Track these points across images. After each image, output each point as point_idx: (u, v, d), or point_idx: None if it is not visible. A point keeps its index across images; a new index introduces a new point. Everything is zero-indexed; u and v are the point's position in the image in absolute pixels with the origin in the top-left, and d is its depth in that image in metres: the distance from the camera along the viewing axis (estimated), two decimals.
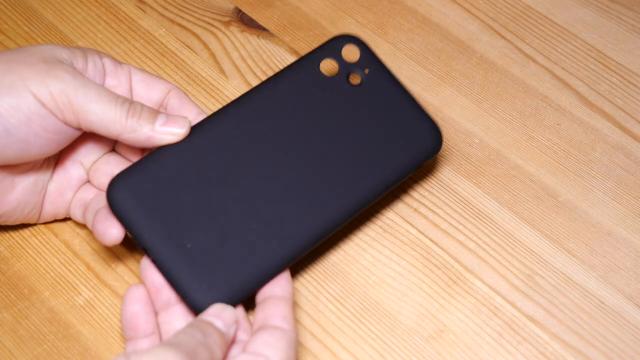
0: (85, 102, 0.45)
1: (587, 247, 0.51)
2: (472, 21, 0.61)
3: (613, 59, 0.59)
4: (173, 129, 0.46)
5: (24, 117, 0.44)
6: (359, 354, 0.47)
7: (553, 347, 0.48)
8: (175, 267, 0.44)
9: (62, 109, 0.45)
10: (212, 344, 0.40)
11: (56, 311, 0.49)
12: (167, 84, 0.50)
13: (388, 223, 0.52)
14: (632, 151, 0.55)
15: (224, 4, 0.63)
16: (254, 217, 0.46)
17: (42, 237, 0.51)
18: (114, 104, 0.45)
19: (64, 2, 0.62)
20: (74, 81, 0.45)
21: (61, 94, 0.44)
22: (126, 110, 0.46)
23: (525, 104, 0.57)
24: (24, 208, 0.49)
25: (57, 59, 0.46)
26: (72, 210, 0.50)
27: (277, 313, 0.43)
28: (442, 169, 0.54)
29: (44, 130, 0.45)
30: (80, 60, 0.47)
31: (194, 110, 0.50)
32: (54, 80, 0.44)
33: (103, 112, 0.45)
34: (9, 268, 0.50)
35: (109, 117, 0.45)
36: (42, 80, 0.44)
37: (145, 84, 0.50)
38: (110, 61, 0.49)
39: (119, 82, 0.49)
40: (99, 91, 0.45)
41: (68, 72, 0.45)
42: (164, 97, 0.50)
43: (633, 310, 0.49)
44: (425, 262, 0.51)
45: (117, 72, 0.49)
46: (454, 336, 0.48)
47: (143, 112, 0.46)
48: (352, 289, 0.50)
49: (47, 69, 0.45)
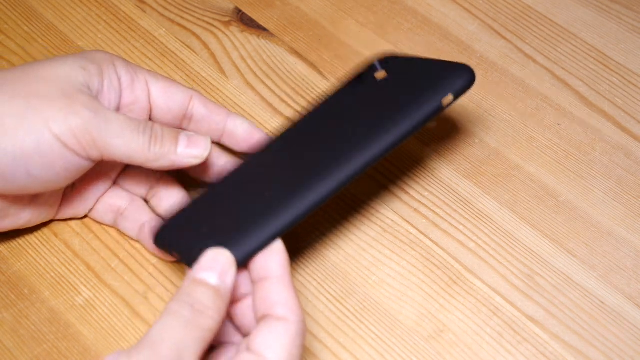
0: (109, 138, 0.44)
1: (587, 247, 0.51)
2: (472, 21, 0.61)
3: (613, 59, 0.59)
4: (194, 151, 0.46)
5: (48, 161, 0.44)
6: (359, 354, 0.47)
7: (553, 347, 0.48)
8: None
9: (85, 146, 0.44)
10: (203, 310, 0.38)
11: (56, 311, 0.49)
12: (187, 91, 0.49)
13: (388, 223, 0.52)
14: (632, 151, 0.55)
15: (224, 4, 0.63)
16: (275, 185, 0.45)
17: (42, 237, 0.51)
18: (136, 135, 0.45)
19: (64, 2, 0.62)
20: (96, 117, 0.44)
21: (84, 133, 0.44)
22: (148, 140, 0.45)
23: (525, 104, 0.57)
24: (39, 217, 0.49)
25: (75, 88, 0.45)
26: (99, 214, 0.51)
27: (276, 299, 0.40)
28: (442, 169, 0.54)
29: (65, 170, 0.45)
30: (96, 80, 0.46)
31: (222, 113, 0.50)
32: (76, 118, 0.43)
33: (127, 145, 0.45)
34: (9, 268, 0.50)
35: (133, 149, 0.45)
36: (65, 119, 0.43)
37: (163, 93, 0.49)
38: (125, 73, 0.48)
39: (137, 99, 0.48)
40: (120, 124, 0.44)
41: (88, 108, 0.44)
42: (187, 105, 0.49)
43: (633, 310, 0.49)
44: (425, 262, 0.51)
45: (133, 87, 0.48)
46: (454, 336, 0.48)
47: (165, 137, 0.46)
48: (352, 289, 0.50)
49: (68, 105, 0.44)
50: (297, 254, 0.51)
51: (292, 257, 0.51)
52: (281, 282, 0.41)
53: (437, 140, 0.56)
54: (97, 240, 0.51)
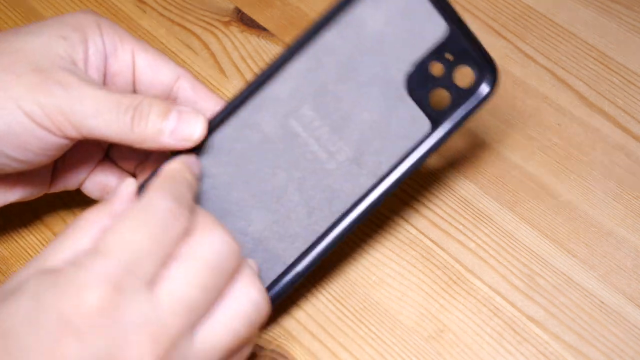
0: (82, 119, 0.40)
1: (587, 247, 0.51)
2: (472, 21, 0.61)
3: (613, 59, 0.59)
4: (186, 131, 0.41)
5: (22, 141, 0.41)
6: (359, 354, 0.47)
7: (553, 347, 0.48)
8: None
9: (59, 126, 0.40)
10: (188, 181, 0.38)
11: None
12: (176, 68, 0.45)
13: (388, 223, 0.52)
14: (632, 151, 0.55)
15: (224, 4, 0.63)
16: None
17: (41, 237, 0.51)
18: (115, 115, 0.40)
19: (64, 2, 0.62)
20: (68, 97, 0.40)
21: (56, 113, 0.40)
22: (130, 119, 0.40)
23: (525, 104, 0.57)
24: (31, 193, 0.47)
25: (52, 61, 0.41)
26: (89, 189, 0.48)
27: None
28: (442, 169, 0.54)
29: (42, 149, 0.41)
30: (80, 48, 0.42)
31: (212, 100, 0.46)
32: (47, 96, 0.40)
33: (106, 126, 0.40)
34: (8, 268, 0.50)
35: (113, 130, 0.41)
36: (35, 98, 0.40)
37: (149, 69, 0.44)
38: (111, 39, 0.44)
39: (121, 68, 0.44)
40: (97, 103, 0.40)
41: (61, 85, 0.40)
42: (173, 84, 0.45)
43: (633, 310, 0.49)
44: (425, 262, 0.51)
45: (117, 56, 0.44)
46: (454, 336, 0.48)
47: (151, 115, 0.41)
48: (352, 289, 0.50)
49: (39, 82, 0.40)
50: None
51: None
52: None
53: None
54: None
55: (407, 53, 0.42)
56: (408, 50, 0.42)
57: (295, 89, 0.42)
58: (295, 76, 0.42)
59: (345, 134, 0.43)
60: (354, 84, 0.42)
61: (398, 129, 0.42)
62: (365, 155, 0.43)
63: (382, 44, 0.42)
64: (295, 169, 0.43)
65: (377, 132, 0.42)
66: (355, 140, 0.43)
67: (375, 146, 0.43)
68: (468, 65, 0.43)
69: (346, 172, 0.43)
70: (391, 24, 0.41)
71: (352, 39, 0.41)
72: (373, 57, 0.42)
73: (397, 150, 0.43)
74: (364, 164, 0.43)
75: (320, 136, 0.43)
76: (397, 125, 0.42)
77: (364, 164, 0.43)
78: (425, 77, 0.42)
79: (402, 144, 0.43)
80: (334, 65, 0.42)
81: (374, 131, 0.42)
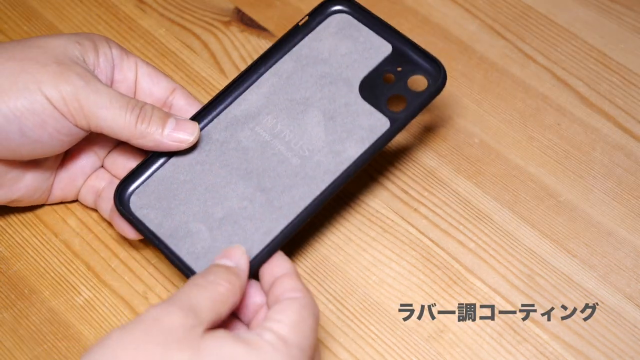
0: (96, 109, 0.45)
1: (587, 247, 0.51)
2: (472, 21, 0.61)
3: (613, 59, 0.59)
4: (182, 136, 0.47)
5: (40, 120, 0.45)
6: (359, 354, 0.47)
7: (553, 347, 0.48)
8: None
9: (73, 113, 0.45)
10: (215, 280, 0.40)
11: (56, 311, 0.49)
12: (172, 82, 0.51)
13: (388, 223, 0.52)
14: (632, 151, 0.55)
15: (224, 4, 0.63)
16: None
17: (42, 237, 0.51)
18: (124, 111, 0.46)
19: (64, 2, 0.62)
20: (86, 87, 0.45)
21: (73, 99, 0.45)
22: (136, 117, 0.46)
23: (525, 104, 0.57)
24: (34, 194, 0.50)
25: (69, 58, 0.46)
26: (83, 196, 0.51)
27: (285, 287, 0.42)
28: (442, 169, 0.54)
29: (57, 132, 0.46)
30: (92, 54, 0.48)
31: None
32: (66, 84, 0.45)
33: (113, 118, 0.46)
34: (9, 268, 0.50)
35: (119, 124, 0.46)
36: (56, 84, 0.45)
37: (150, 78, 0.50)
38: (118, 52, 0.49)
39: (124, 77, 0.49)
40: (110, 97, 0.46)
41: (80, 76, 0.45)
42: (169, 94, 0.50)
43: (633, 310, 0.49)
44: (425, 262, 0.51)
45: (122, 66, 0.49)
46: (454, 336, 0.48)
47: (153, 117, 0.47)
48: (352, 289, 0.50)
49: (61, 71, 0.45)
50: (297, 254, 0.51)
51: (292, 258, 0.51)
52: (288, 277, 0.43)
53: (437, 140, 0.56)
54: (97, 240, 0.51)
55: (357, 68, 0.50)
56: (357, 66, 0.50)
57: (261, 103, 0.49)
58: (259, 91, 0.50)
59: (307, 135, 0.48)
60: (315, 94, 0.49)
61: (358, 126, 0.48)
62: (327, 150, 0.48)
63: (335, 63, 0.50)
64: (264, 165, 0.48)
65: (337, 130, 0.48)
66: (317, 138, 0.48)
67: (340, 140, 0.48)
68: (416, 72, 0.50)
69: (310, 165, 0.48)
70: (340, 47, 0.50)
71: (308, 58, 0.50)
72: (329, 73, 0.50)
73: (359, 143, 0.48)
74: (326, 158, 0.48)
75: (284, 138, 0.48)
76: (357, 123, 0.48)
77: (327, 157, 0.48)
78: (380, 87, 0.49)
79: (363, 137, 0.48)
80: (294, 79, 0.50)
81: (334, 131, 0.48)
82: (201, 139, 0.49)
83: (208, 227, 0.46)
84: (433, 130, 0.56)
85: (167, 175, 0.48)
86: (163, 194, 0.47)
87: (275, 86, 0.50)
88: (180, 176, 0.48)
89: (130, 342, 0.36)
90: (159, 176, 0.48)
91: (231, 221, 0.46)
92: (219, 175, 0.48)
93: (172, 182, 0.48)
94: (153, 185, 0.48)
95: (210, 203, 0.47)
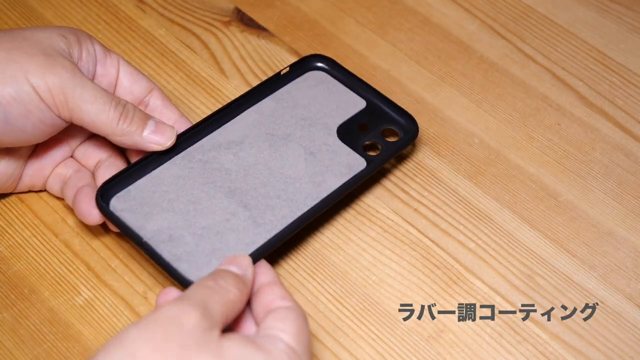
0: (81, 102, 0.46)
1: (587, 247, 0.51)
2: (472, 21, 0.61)
3: (613, 59, 0.59)
4: (160, 139, 0.49)
5: (24, 110, 0.45)
6: (359, 354, 0.47)
7: (553, 347, 0.48)
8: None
9: (58, 104, 0.46)
10: (225, 285, 0.40)
11: (56, 311, 0.49)
12: (151, 83, 0.52)
13: (388, 223, 0.52)
14: (632, 151, 0.55)
15: (224, 4, 0.63)
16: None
17: (42, 237, 0.51)
18: (107, 107, 0.47)
19: (64, 2, 0.62)
20: (72, 79, 0.46)
21: (58, 91, 0.46)
22: (119, 114, 0.47)
23: (525, 104, 0.57)
24: (5, 182, 0.50)
25: (55, 50, 0.47)
26: (50, 184, 0.52)
27: (275, 295, 0.43)
28: (442, 169, 0.54)
29: (41, 122, 0.46)
30: (76, 48, 0.48)
31: (175, 113, 0.52)
32: (53, 76, 0.46)
33: (97, 114, 0.47)
34: (9, 268, 0.50)
35: (102, 120, 0.47)
36: (43, 75, 0.45)
37: (130, 77, 0.51)
38: (101, 48, 0.50)
39: (107, 72, 0.50)
40: (95, 92, 0.47)
41: (66, 69, 0.46)
42: (146, 94, 0.51)
43: (633, 310, 0.49)
44: (425, 262, 0.51)
45: (106, 62, 0.50)
46: (454, 336, 0.48)
47: (135, 118, 0.48)
48: (352, 289, 0.50)
49: (48, 62, 0.46)
50: (297, 254, 0.51)
51: (292, 258, 0.51)
52: (274, 285, 0.43)
53: (437, 141, 0.56)
54: (97, 240, 0.51)
55: (334, 117, 0.53)
56: (334, 115, 0.53)
57: (243, 133, 0.52)
58: (242, 123, 0.52)
59: (289, 164, 0.51)
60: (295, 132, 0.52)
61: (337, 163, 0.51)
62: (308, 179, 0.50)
63: (314, 109, 0.54)
64: (247, 185, 0.49)
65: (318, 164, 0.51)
66: (299, 168, 0.51)
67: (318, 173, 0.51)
68: (389, 125, 0.53)
69: (292, 190, 0.50)
70: (318, 97, 0.54)
71: (289, 102, 0.54)
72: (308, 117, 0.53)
73: (337, 177, 0.51)
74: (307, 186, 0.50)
75: (267, 164, 0.51)
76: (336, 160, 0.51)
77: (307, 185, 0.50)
78: (356, 134, 0.53)
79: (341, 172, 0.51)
80: (276, 117, 0.53)
81: (315, 164, 0.51)
82: (184, 157, 0.50)
83: (191, 234, 0.47)
84: (433, 130, 0.56)
85: (150, 184, 0.49)
86: (145, 201, 0.48)
87: (258, 121, 0.52)
88: (163, 187, 0.49)
89: (149, 340, 0.36)
90: (141, 184, 0.49)
91: (214, 231, 0.47)
92: (202, 190, 0.49)
93: (155, 191, 0.49)
94: (135, 192, 0.48)
95: (193, 214, 0.48)
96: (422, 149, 0.55)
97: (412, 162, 0.55)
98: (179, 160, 0.50)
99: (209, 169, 0.50)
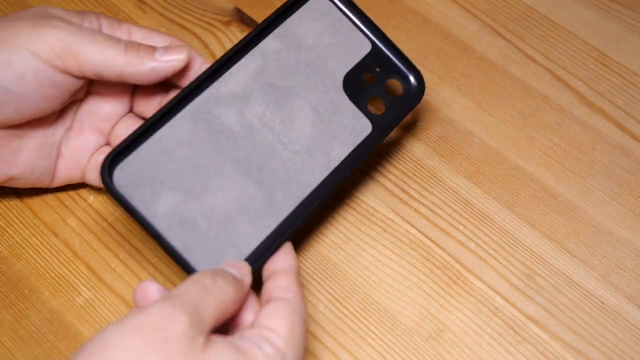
0: (82, 44, 0.45)
1: (587, 247, 0.51)
2: (472, 21, 0.61)
3: (613, 59, 0.59)
4: (174, 55, 0.47)
5: (16, 73, 0.44)
6: (359, 354, 0.47)
7: (553, 347, 0.48)
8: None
9: (60, 55, 0.45)
10: (224, 285, 0.40)
11: (56, 311, 0.49)
12: (168, 37, 0.50)
13: (388, 223, 0.52)
14: (632, 151, 0.55)
15: (224, 4, 0.63)
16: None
17: (42, 237, 0.51)
18: (110, 42, 0.46)
19: (64, 2, 0.62)
20: (68, 27, 0.45)
21: (57, 41, 0.45)
22: (124, 45, 0.46)
23: (525, 104, 0.57)
24: (34, 171, 0.49)
25: (50, 14, 0.46)
26: (89, 174, 0.50)
27: (279, 285, 0.42)
28: (442, 169, 0.54)
29: (38, 85, 0.45)
30: (76, 19, 0.48)
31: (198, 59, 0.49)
32: (48, 29, 0.45)
33: (101, 50, 0.45)
34: (9, 268, 0.50)
35: (109, 55, 0.46)
36: (37, 32, 0.45)
37: (144, 36, 0.50)
38: (108, 21, 0.49)
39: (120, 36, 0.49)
40: (94, 33, 0.46)
41: (61, 20, 0.46)
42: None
43: (633, 310, 0.49)
44: (425, 262, 0.51)
45: (114, 30, 0.49)
46: (454, 336, 0.48)
47: (141, 47, 0.47)
48: (352, 289, 0.50)
49: (41, 21, 0.45)
50: (297, 254, 0.51)
51: None
52: (285, 274, 0.43)
53: (437, 140, 0.56)
54: (97, 240, 0.51)
55: (340, 63, 0.50)
56: (340, 61, 0.50)
57: (247, 83, 0.48)
58: (246, 69, 0.48)
59: (296, 128, 0.48)
60: (301, 84, 0.49)
61: (344, 127, 0.49)
62: (316, 148, 0.48)
63: (320, 52, 0.50)
64: (255, 154, 0.47)
65: (325, 128, 0.49)
66: (306, 134, 0.48)
67: (325, 140, 0.48)
68: (395, 77, 0.51)
69: (300, 161, 0.47)
70: (323, 36, 0.50)
71: (290, 46, 0.49)
72: (315, 63, 0.50)
73: (344, 144, 0.49)
74: (315, 156, 0.48)
75: (274, 128, 0.48)
76: (342, 123, 0.49)
77: (315, 156, 0.48)
78: (361, 86, 0.50)
79: (348, 139, 0.49)
80: (281, 62, 0.49)
81: (322, 128, 0.48)
82: (187, 115, 0.46)
83: (201, 216, 0.44)
84: (433, 130, 0.56)
85: (154, 151, 0.45)
86: (150, 174, 0.44)
87: (262, 67, 0.49)
88: (168, 155, 0.45)
89: (131, 348, 0.36)
90: (144, 151, 0.45)
91: (225, 213, 0.45)
92: (209, 160, 0.46)
93: (159, 161, 0.45)
94: (138, 161, 0.44)
95: (201, 190, 0.45)
96: (422, 149, 0.55)
97: (412, 162, 0.55)
98: (182, 119, 0.46)
99: (214, 132, 0.46)
